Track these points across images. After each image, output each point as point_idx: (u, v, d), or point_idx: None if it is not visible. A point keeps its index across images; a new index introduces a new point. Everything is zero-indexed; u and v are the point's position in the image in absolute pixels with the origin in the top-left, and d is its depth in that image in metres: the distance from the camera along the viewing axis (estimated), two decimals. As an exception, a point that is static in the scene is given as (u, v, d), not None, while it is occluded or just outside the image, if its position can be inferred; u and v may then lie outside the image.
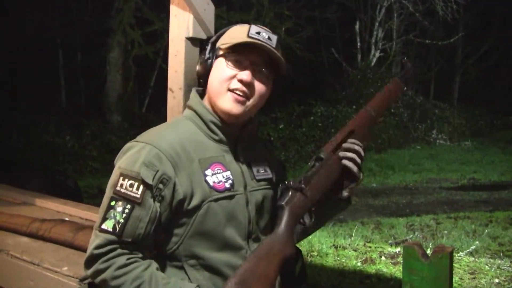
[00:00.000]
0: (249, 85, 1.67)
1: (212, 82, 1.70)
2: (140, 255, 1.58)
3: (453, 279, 4.16)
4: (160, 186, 1.59)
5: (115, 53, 12.22)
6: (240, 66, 1.67)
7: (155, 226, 1.60)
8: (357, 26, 16.24)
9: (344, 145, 1.74)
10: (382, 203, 8.29)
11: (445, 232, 6.21)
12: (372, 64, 15.68)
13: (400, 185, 9.99)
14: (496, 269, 4.67)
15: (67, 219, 2.53)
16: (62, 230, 2.24)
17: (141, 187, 1.57)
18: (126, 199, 1.57)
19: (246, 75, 1.65)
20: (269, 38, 1.67)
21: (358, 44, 16.25)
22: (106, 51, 12.29)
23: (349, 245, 5.26)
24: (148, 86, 14.11)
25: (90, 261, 1.56)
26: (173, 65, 2.26)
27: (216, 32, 1.81)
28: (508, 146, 15.32)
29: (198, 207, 1.63)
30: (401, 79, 1.87)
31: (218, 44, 1.73)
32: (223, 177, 1.69)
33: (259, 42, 1.64)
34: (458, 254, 5.07)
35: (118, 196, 1.58)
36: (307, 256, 4.87)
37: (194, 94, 1.80)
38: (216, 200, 1.65)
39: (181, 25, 2.24)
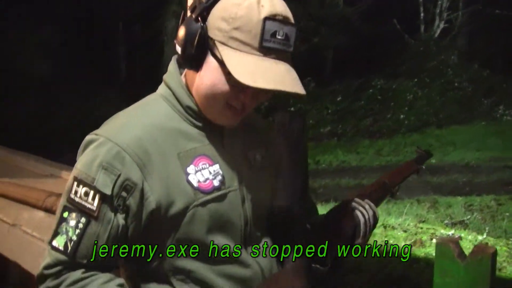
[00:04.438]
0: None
1: (204, 88, 1.33)
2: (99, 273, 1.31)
3: None
4: (124, 194, 1.28)
5: (171, 23, 12.18)
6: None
7: (119, 243, 1.31)
8: (421, -4, 15.66)
9: (355, 199, 1.61)
10: (440, 181, 7.97)
11: (507, 214, 5.87)
12: (436, 35, 15.10)
13: (460, 162, 9.59)
14: None
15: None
16: (77, 206, 2.16)
17: (97, 197, 1.27)
18: (81, 210, 1.28)
19: (251, 99, 1.32)
20: (286, 37, 1.26)
21: (422, 14, 15.66)
22: (162, 21, 12.28)
23: (399, 225, 5.03)
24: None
25: (39, 280, 1.31)
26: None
27: None
28: None
29: (181, 215, 1.32)
30: (416, 161, 2.08)
31: (213, 28, 1.26)
32: (210, 172, 1.36)
33: (274, 60, 1.25)
34: (520, 239, 4.77)
35: (72, 205, 1.29)
36: (354, 236, 4.68)
37: (173, 67, 1.41)
38: (204, 204, 1.33)
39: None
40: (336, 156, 9.84)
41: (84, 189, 1.28)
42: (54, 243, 1.28)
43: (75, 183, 1.29)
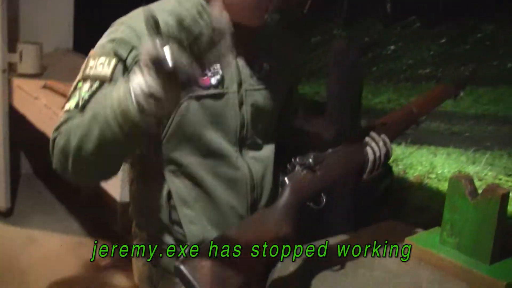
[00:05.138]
0: None
1: None
2: None
3: None
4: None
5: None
6: None
7: None
8: None
9: (371, 133, 1.58)
10: (543, 136, 7.48)
11: None
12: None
13: None
14: None
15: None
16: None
17: (113, 62, 1.36)
18: (94, 78, 1.37)
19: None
20: None
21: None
22: None
23: (476, 173, 4.79)
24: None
25: (51, 147, 1.37)
26: None
27: None
28: None
29: None
30: (453, 84, 1.84)
31: None
32: (209, 70, 1.42)
33: None
34: None
35: (87, 78, 1.38)
36: (424, 177, 4.51)
37: None
38: (198, 98, 1.41)
39: None
40: (431, 99, 9.45)
41: (100, 60, 1.37)
42: (66, 106, 1.37)
43: (90, 59, 1.39)
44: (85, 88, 1.36)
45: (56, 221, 4.47)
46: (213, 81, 1.43)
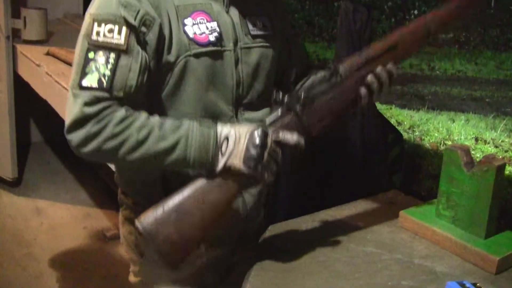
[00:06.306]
0: None
1: None
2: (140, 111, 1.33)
3: None
4: (143, 29, 1.31)
5: None
6: None
7: (147, 77, 1.33)
8: None
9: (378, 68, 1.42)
10: None
11: None
12: None
13: None
14: None
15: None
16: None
17: (124, 29, 1.28)
18: (107, 48, 1.28)
19: None
20: None
21: None
22: None
23: (492, 139, 4.64)
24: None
25: (78, 123, 1.26)
26: None
27: None
28: None
29: (173, 63, 1.36)
30: None
31: None
32: (207, 28, 1.39)
33: None
34: None
35: (96, 46, 1.28)
36: (440, 144, 4.36)
37: None
38: (197, 55, 1.37)
39: None
40: (453, 64, 9.22)
41: (108, 26, 1.28)
42: (85, 83, 1.27)
43: (95, 24, 1.29)
44: (101, 61, 1.27)
45: (64, 191, 4.45)
46: (211, 38, 1.39)
